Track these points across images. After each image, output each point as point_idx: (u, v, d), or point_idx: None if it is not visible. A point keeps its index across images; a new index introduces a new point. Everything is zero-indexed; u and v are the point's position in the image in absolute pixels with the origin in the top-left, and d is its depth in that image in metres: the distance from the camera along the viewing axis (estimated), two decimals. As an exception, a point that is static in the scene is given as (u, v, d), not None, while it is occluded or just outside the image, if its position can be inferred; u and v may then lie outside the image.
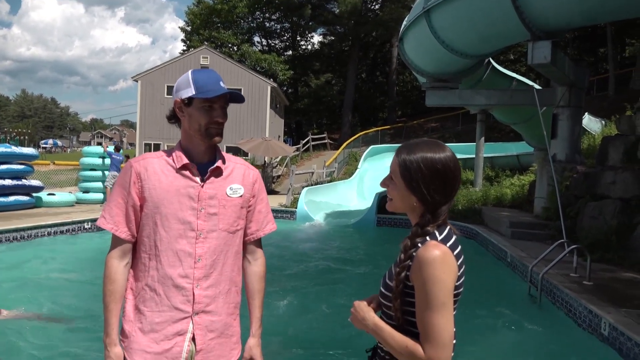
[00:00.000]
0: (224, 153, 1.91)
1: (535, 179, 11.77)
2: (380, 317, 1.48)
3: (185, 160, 1.80)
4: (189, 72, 1.84)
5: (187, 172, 1.80)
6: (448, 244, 1.39)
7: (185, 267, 1.76)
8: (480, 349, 4.55)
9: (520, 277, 7.25)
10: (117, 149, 14.12)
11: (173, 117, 1.88)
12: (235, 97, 1.84)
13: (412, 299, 1.39)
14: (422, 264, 1.34)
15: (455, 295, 1.39)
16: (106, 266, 1.80)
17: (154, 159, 1.84)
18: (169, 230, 1.76)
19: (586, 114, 15.86)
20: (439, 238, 1.40)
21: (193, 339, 1.77)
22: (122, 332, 1.81)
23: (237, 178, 1.88)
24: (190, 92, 1.77)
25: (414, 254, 1.39)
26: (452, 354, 1.42)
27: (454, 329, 1.40)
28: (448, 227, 1.45)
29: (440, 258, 1.33)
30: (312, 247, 9.89)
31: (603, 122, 17.73)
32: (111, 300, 1.78)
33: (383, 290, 1.50)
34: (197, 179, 1.80)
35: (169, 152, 1.86)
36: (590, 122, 17.52)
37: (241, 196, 1.87)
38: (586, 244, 7.07)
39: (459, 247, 1.43)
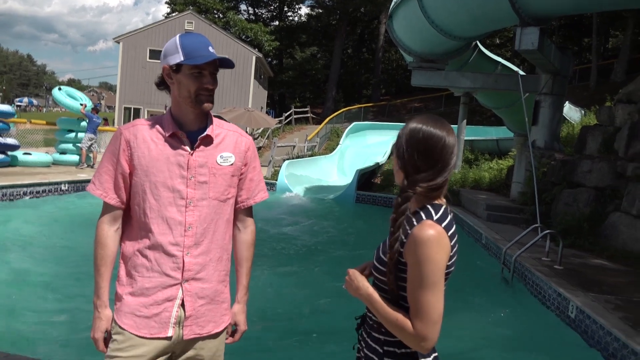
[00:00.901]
0: (217, 120, 1.89)
1: (514, 164, 11.96)
2: (373, 287, 1.52)
3: (175, 128, 1.78)
4: (177, 36, 1.79)
5: (176, 140, 1.78)
6: (443, 224, 1.41)
7: (176, 235, 1.76)
8: (451, 328, 4.67)
9: (494, 259, 7.43)
10: (95, 111, 13.79)
11: (162, 84, 1.84)
12: (225, 62, 1.80)
13: (404, 274, 1.42)
14: (417, 243, 1.37)
15: (446, 274, 1.42)
16: (97, 231, 1.81)
17: (143, 126, 1.81)
18: (159, 198, 1.75)
19: (567, 102, 16.08)
20: (435, 217, 1.42)
21: (183, 305, 1.78)
22: (116, 295, 1.82)
23: (229, 146, 1.86)
24: (178, 58, 1.73)
25: (409, 231, 1.41)
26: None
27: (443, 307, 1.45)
28: (444, 207, 1.47)
29: (435, 238, 1.36)
30: (290, 220, 9.95)
31: (583, 111, 18.01)
32: (102, 264, 1.79)
33: (376, 263, 1.53)
34: (187, 147, 1.78)
35: (159, 120, 1.82)
36: (570, 111, 17.78)
37: (232, 164, 1.85)
38: (559, 230, 7.26)
39: (454, 227, 1.46)
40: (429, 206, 1.45)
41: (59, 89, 14.01)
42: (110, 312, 1.81)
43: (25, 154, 12.51)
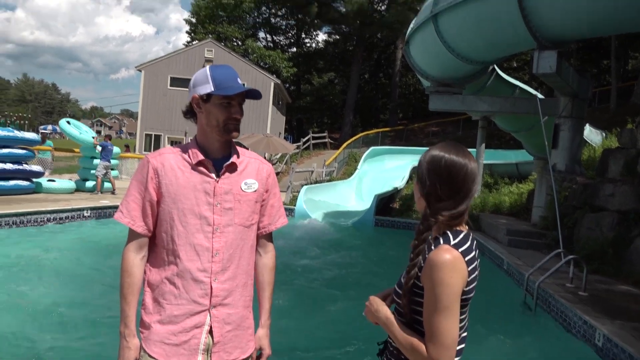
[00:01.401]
0: (238, 148, 1.95)
1: (534, 188, 11.81)
2: (393, 313, 1.53)
3: (201, 157, 1.83)
4: (207, 67, 1.86)
5: (202, 168, 1.83)
6: (461, 249, 1.42)
7: (204, 261, 1.80)
8: (474, 356, 4.59)
9: (516, 285, 7.30)
10: (108, 138, 14.04)
11: (189, 113, 1.90)
12: (252, 93, 1.87)
13: (420, 298, 1.43)
14: (432, 267, 1.38)
15: (465, 300, 1.42)
16: (123, 259, 1.83)
17: (170, 154, 1.86)
18: (187, 225, 1.79)
19: (587, 125, 15.92)
20: (452, 242, 1.43)
21: (210, 331, 1.81)
22: (142, 323, 1.85)
23: (252, 173, 1.92)
24: (208, 88, 1.80)
25: (427, 255, 1.42)
26: (457, 358, 1.46)
27: (465, 334, 1.44)
28: (464, 232, 1.48)
29: (450, 262, 1.37)
30: (309, 246, 9.92)
31: (603, 134, 17.78)
32: (129, 292, 1.81)
33: (397, 288, 1.55)
34: (213, 174, 1.83)
35: (184, 148, 1.88)
36: (591, 134, 17.57)
37: (255, 191, 1.91)
38: (582, 255, 7.12)
39: (474, 253, 1.46)
40: (448, 232, 1.46)
41: (68, 122, 14.06)
42: (138, 340, 1.82)
43: (49, 180, 12.76)
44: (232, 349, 1.85)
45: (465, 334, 1.52)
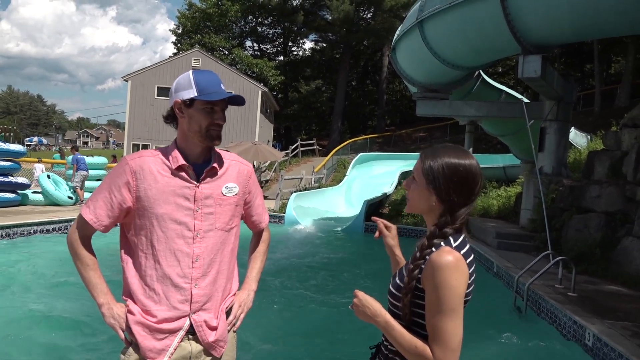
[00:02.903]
0: (218, 150, 1.93)
1: (522, 191, 11.93)
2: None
3: (182, 161, 1.80)
4: (190, 72, 1.83)
5: (183, 173, 1.80)
6: (462, 252, 1.43)
7: (184, 267, 1.77)
8: (466, 358, 4.60)
9: (506, 287, 7.34)
10: (75, 150, 14.08)
11: (170, 118, 1.87)
12: (236, 100, 1.87)
13: (420, 300, 1.43)
14: (434, 269, 1.38)
15: (465, 303, 1.43)
16: (72, 246, 1.84)
17: (149, 157, 1.81)
18: (166, 230, 1.76)
19: (572, 128, 16.12)
20: (454, 245, 1.44)
21: (194, 337, 1.81)
22: (127, 330, 1.81)
23: (232, 176, 1.91)
24: (192, 93, 1.78)
25: (427, 257, 1.42)
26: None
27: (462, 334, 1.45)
28: (463, 235, 1.49)
29: (453, 264, 1.37)
30: (299, 253, 9.92)
31: (589, 137, 18.02)
32: (86, 270, 1.81)
33: (393, 289, 1.53)
34: (193, 179, 1.81)
35: (164, 151, 1.84)
36: (577, 137, 17.80)
37: (236, 194, 1.90)
38: (571, 256, 7.18)
39: (472, 256, 1.47)
40: (449, 235, 1.46)
41: (48, 176, 13.19)
42: (123, 307, 1.81)
43: (35, 192, 12.63)
44: (224, 338, 1.89)
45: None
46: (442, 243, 1.44)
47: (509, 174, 19.24)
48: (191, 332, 1.79)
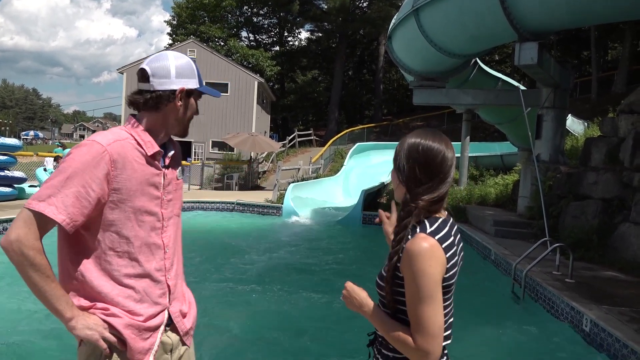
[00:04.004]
0: None
1: (519, 179, 11.93)
2: (377, 305, 1.53)
3: (157, 147, 1.69)
4: (189, 59, 1.77)
5: (154, 160, 1.70)
6: (438, 236, 1.41)
7: (158, 260, 1.72)
8: (464, 346, 4.62)
9: (504, 275, 7.36)
10: (62, 147, 14.09)
11: (145, 100, 1.69)
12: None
13: (401, 288, 1.43)
14: (410, 257, 1.38)
15: (447, 287, 1.42)
16: (26, 254, 1.48)
17: (123, 141, 1.63)
18: (142, 224, 1.66)
19: (569, 115, 16.11)
20: (428, 230, 1.43)
21: (171, 328, 1.77)
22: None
23: (180, 158, 1.89)
24: (194, 83, 1.75)
25: (403, 245, 1.42)
26: (446, 343, 1.46)
27: (451, 320, 1.45)
28: (442, 219, 1.48)
29: (428, 251, 1.37)
30: (297, 243, 9.92)
31: (585, 123, 18.02)
32: (46, 282, 1.51)
33: (378, 280, 1.55)
34: (161, 166, 1.74)
35: (131, 134, 1.67)
36: (574, 124, 17.80)
37: (182, 175, 1.90)
38: (568, 243, 7.21)
39: (452, 238, 1.46)
40: (425, 220, 1.45)
41: (44, 169, 13.33)
42: (96, 316, 1.61)
43: (31, 186, 12.59)
44: (190, 334, 1.88)
45: (451, 319, 1.52)
46: (418, 229, 1.43)
47: (507, 161, 19.25)
48: (168, 324, 1.76)
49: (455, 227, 1.54)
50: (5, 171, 11.51)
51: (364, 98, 44.67)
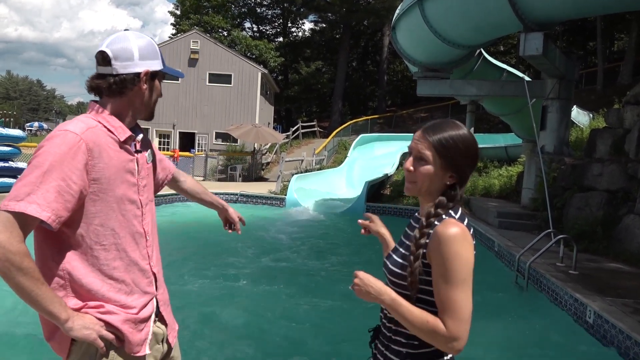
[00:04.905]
0: None
1: (523, 170, 11.89)
2: None
3: (129, 132, 1.63)
4: (150, 39, 1.71)
5: (127, 146, 1.64)
6: (465, 222, 1.43)
7: (141, 249, 1.68)
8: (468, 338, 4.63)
9: (507, 266, 7.35)
10: None
11: (107, 85, 1.61)
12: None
13: (426, 276, 1.40)
14: (442, 241, 1.35)
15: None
16: (11, 260, 1.37)
17: (95, 129, 1.56)
18: (125, 213, 1.61)
19: (574, 106, 16.02)
20: (456, 217, 1.43)
21: (159, 317, 1.75)
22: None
23: (147, 142, 1.82)
24: (158, 65, 1.69)
25: (431, 231, 1.40)
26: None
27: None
28: (460, 209, 1.48)
29: (461, 235, 1.36)
30: (301, 235, 9.93)
31: (591, 115, 17.92)
32: (36, 284, 1.42)
33: (394, 268, 1.50)
34: (134, 152, 1.69)
35: (99, 121, 1.59)
36: (579, 115, 17.70)
37: (152, 160, 1.83)
38: (572, 235, 7.19)
39: (472, 229, 1.47)
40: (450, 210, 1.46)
41: None
42: (91, 316, 1.56)
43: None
44: (174, 324, 1.85)
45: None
46: (444, 216, 1.43)
47: (511, 153, 19.18)
48: (156, 314, 1.73)
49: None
50: (10, 162, 11.54)
51: (368, 89, 44.52)
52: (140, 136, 1.74)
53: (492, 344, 4.66)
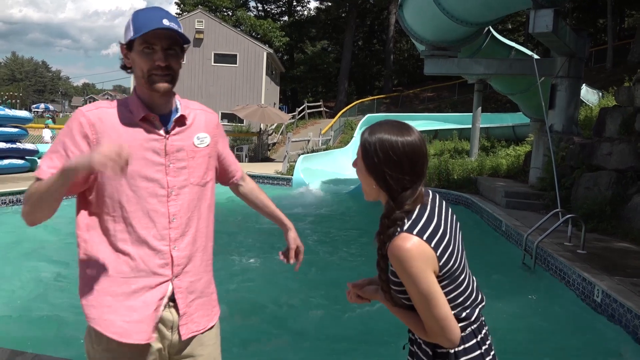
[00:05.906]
0: (181, 98, 1.75)
1: (531, 150, 11.80)
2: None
3: (146, 111, 1.61)
4: (136, 11, 1.64)
5: (148, 125, 1.62)
6: (416, 230, 1.34)
7: (160, 229, 1.62)
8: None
9: (514, 246, 7.34)
10: (54, 120, 14.19)
11: (125, 67, 1.67)
12: (176, 34, 1.60)
13: (402, 287, 1.39)
14: (395, 262, 1.33)
15: (448, 271, 1.36)
16: (24, 201, 1.62)
17: (109, 109, 1.62)
18: (137, 189, 1.59)
19: (583, 85, 15.82)
20: (406, 226, 1.35)
21: (175, 305, 1.66)
22: (89, 303, 1.63)
23: (202, 126, 1.74)
24: (130, 34, 1.58)
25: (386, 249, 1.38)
26: (481, 306, 1.48)
27: (474, 284, 1.46)
28: (418, 207, 1.39)
29: (409, 253, 1.30)
30: (308, 215, 9.95)
31: (600, 93, 17.70)
32: (40, 184, 1.57)
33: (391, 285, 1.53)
34: (161, 131, 1.63)
35: (124, 102, 1.65)
36: (588, 94, 17.49)
37: (208, 145, 1.74)
38: (580, 214, 7.15)
39: (435, 220, 1.39)
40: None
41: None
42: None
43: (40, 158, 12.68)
44: (199, 318, 1.72)
45: (474, 284, 1.49)
46: (398, 230, 1.35)
47: (518, 132, 19.03)
48: (172, 299, 1.66)
49: (438, 199, 1.47)
50: (17, 143, 11.59)
51: (374, 69, 44.14)
52: (177, 115, 1.67)
53: (498, 323, 4.67)
